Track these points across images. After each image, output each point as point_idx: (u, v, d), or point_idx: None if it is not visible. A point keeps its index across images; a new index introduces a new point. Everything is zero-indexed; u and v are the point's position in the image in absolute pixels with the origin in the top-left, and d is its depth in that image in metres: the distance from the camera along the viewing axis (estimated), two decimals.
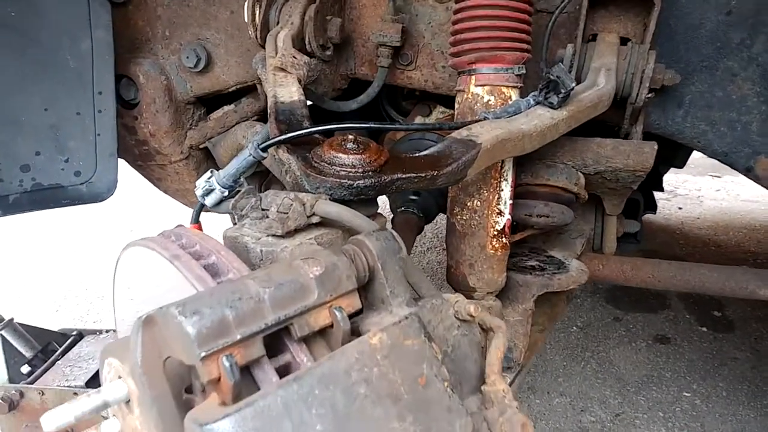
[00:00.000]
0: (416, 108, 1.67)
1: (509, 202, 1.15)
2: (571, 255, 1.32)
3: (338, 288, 0.64)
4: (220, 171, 0.96)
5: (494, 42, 1.09)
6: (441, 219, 2.20)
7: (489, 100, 1.10)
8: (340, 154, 0.86)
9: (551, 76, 1.01)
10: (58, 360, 2.19)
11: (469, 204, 1.13)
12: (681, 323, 2.61)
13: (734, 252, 3.44)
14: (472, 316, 0.70)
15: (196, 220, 0.99)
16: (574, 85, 1.00)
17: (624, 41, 1.24)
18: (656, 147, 1.19)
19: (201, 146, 1.71)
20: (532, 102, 1.06)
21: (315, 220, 0.81)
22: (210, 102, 1.72)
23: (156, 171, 1.81)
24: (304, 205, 0.80)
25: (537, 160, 1.24)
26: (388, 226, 1.42)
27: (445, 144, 0.94)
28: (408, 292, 0.71)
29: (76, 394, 1.82)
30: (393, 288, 0.69)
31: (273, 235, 0.80)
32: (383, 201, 2.36)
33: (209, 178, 0.96)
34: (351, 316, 0.67)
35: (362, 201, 0.88)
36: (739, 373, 2.29)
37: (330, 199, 0.86)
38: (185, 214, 1.20)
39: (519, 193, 1.23)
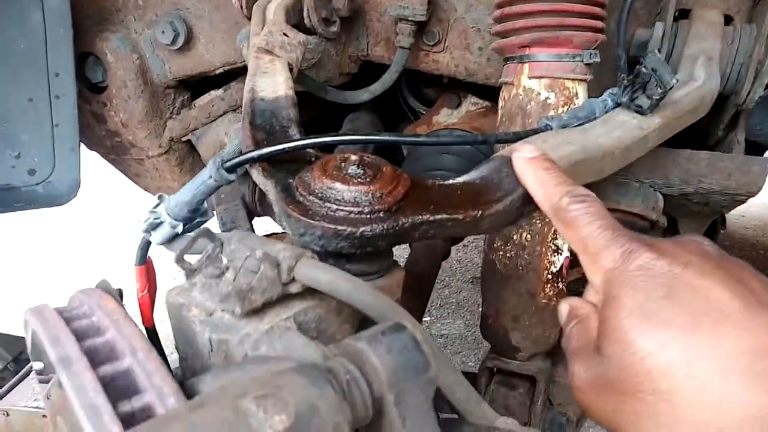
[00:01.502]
0: (442, 98, 1.37)
1: None
2: None
3: None
4: (171, 197, 0.69)
5: (557, 17, 0.79)
6: None
7: (548, 98, 0.81)
8: (338, 184, 0.58)
9: (644, 69, 0.70)
10: (31, 372, 1.97)
11: (515, 237, 0.84)
12: None
13: None
14: None
15: (141, 261, 0.72)
16: (675, 82, 0.70)
17: (726, 20, 0.92)
18: None
19: (184, 139, 1.43)
20: (610, 103, 0.76)
21: (295, 288, 0.53)
22: (196, 86, 1.44)
23: (133, 166, 1.54)
24: (278, 267, 0.52)
25: None
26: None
27: (492, 166, 0.65)
28: None
29: (45, 416, 1.59)
30: None
31: (231, 312, 0.53)
32: None
33: (156, 207, 0.68)
34: None
35: (369, 252, 0.60)
36: None
37: (321, 252, 0.58)
38: None
39: None
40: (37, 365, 0.51)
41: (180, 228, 0.69)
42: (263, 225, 1.45)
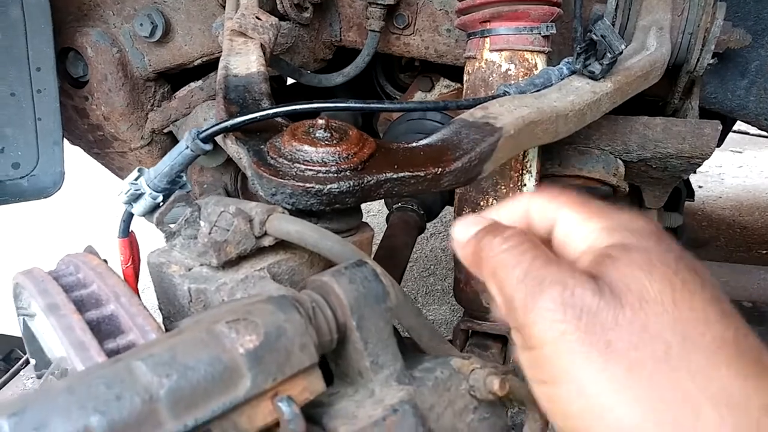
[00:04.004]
0: (416, 81, 1.41)
1: None
2: None
3: (285, 367, 0.40)
4: (150, 169, 0.72)
5: None
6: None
7: (508, 70, 0.85)
8: (306, 147, 0.62)
9: (594, 37, 0.75)
10: (21, 369, 1.99)
11: (482, 203, 0.89)
12: None
13: (762, 235, 3.19)
14: (495, 394, 0.46)
15: (124, 234, 0.75)
16: (623, 48, 0.75)
17: None
18: (720, 128, 0.94)
19: (165, 130, 1.47)
20: (565, 71, 0.80)
21: (268, 242, 0.57)
22: (176, 78, 1.47)
23: (116, 159, 1.56)
24: (251, 221, 0.56)
25: (567, 145, 0.99)
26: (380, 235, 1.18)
27: (452, 129, 0.69)
28: (398, 360, 0.47)
29: None
30: (375, 356, 0.46)
31: (208, 266, 0.56)
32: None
33: (136, 179, 0.72)
34: (310, 405, 0.43)
35: (338, 210, 0.64)
36: None
37: (292, 211, 0.62)
38: None
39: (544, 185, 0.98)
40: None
41: (160, 199, 0.72)
42: None
